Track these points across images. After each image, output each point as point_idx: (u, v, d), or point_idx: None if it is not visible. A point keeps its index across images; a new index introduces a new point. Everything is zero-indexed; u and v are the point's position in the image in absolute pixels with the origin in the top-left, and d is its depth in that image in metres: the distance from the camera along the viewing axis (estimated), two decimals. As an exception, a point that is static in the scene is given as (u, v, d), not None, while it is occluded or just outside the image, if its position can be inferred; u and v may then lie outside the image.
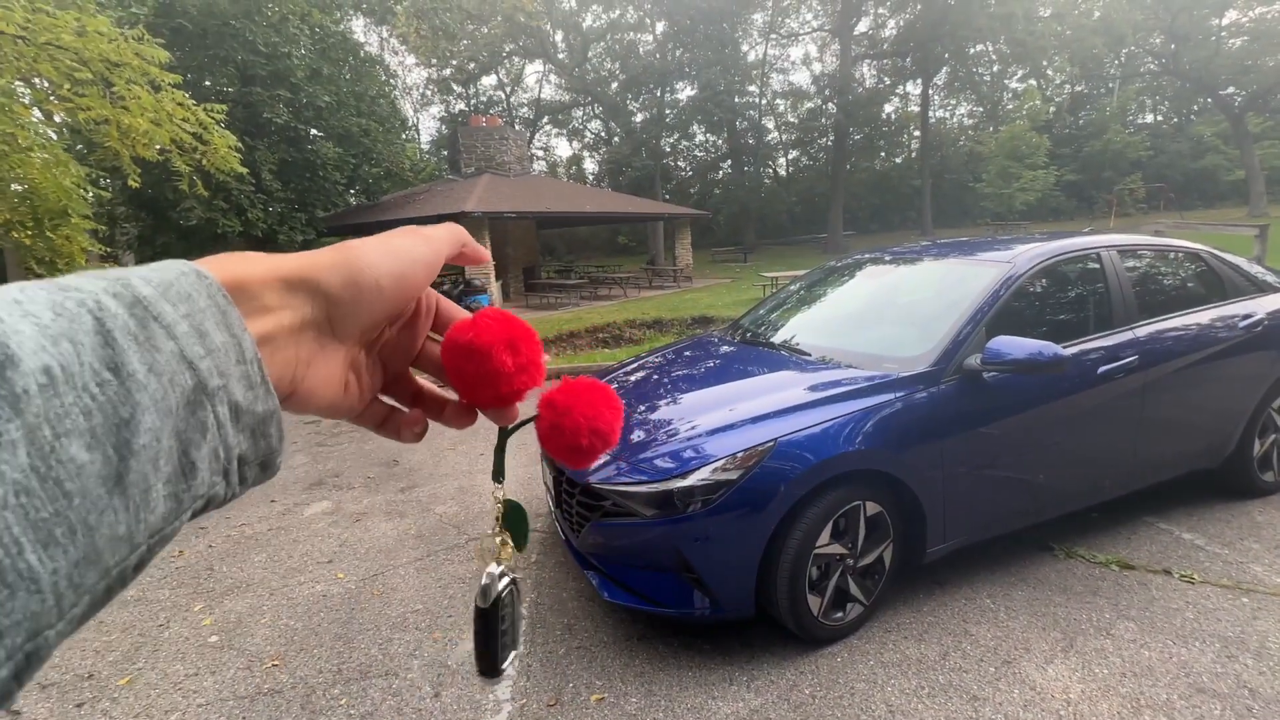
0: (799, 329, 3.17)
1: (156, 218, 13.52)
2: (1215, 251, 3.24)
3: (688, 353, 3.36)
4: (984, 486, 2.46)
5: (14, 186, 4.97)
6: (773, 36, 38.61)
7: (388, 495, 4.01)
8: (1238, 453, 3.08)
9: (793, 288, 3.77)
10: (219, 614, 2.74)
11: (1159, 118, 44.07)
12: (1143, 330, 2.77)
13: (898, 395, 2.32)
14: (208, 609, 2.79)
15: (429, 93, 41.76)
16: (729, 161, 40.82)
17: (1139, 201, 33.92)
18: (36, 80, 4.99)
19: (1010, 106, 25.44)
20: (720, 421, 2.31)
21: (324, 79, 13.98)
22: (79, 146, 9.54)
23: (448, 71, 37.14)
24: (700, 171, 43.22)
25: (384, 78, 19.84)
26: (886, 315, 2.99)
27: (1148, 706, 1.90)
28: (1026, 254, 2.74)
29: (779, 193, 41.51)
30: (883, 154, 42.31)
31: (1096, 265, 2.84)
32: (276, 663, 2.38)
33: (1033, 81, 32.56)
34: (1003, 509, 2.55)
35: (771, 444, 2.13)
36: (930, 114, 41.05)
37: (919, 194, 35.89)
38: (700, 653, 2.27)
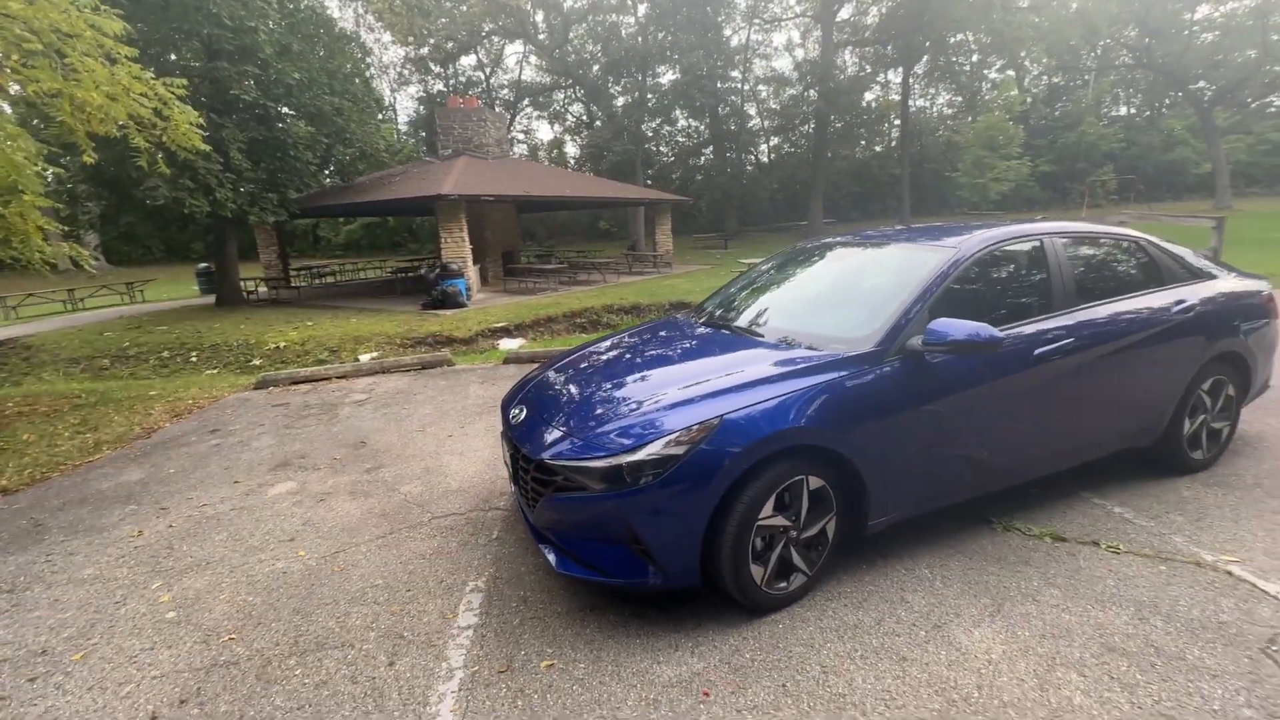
0: (760, 311, 3.24)
1: (119, 196, 13.10)
2: (1155, 240, 3.38)
3: (650, 334, 3.42)
4: (924, 462, 2.56)
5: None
6: (756, 21, 38.41)
7: (353, 476, 4.02)
8: (1169, 432, 3.24)
9: (760, 270, 3.84)
10: (177, 590, 2.76)
11: (1132, 110, 44.79)
12: (1080, 314, 2.89)
13: (842, 375, 2.41)
14: (165, 586, 2.80)
15: (406, 72, 40.84)
16: (711, 148, 40.64)
17: (1111, 193, 34.64)
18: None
19: (988, 97, 25.63)
20: (672, 399, 2.37)
21: (294, 55, 13.59)
22: (35, 121, 9.21)
23: (425, 50, 36.32)
24: (682, 157, 43.02)
25: (359, 54, 19.33)
26: (842, 297, 3.08)
27: (1061, 664, 2.03)
28: (973, 239, 2.84)
29: (761, 179, 41.53)
30: (863, 142, 42.53)
31: (1039, 251, 2.95)
32: (233, 637, 2.41)
33: (1010, 73, 32.86)
34: (943, 484, 2.67)
35: (718, 420, 2.20)
36: (910, 103, 41.30)
37: (899, 182, 36.25)
38: (649, 621, 2.35)
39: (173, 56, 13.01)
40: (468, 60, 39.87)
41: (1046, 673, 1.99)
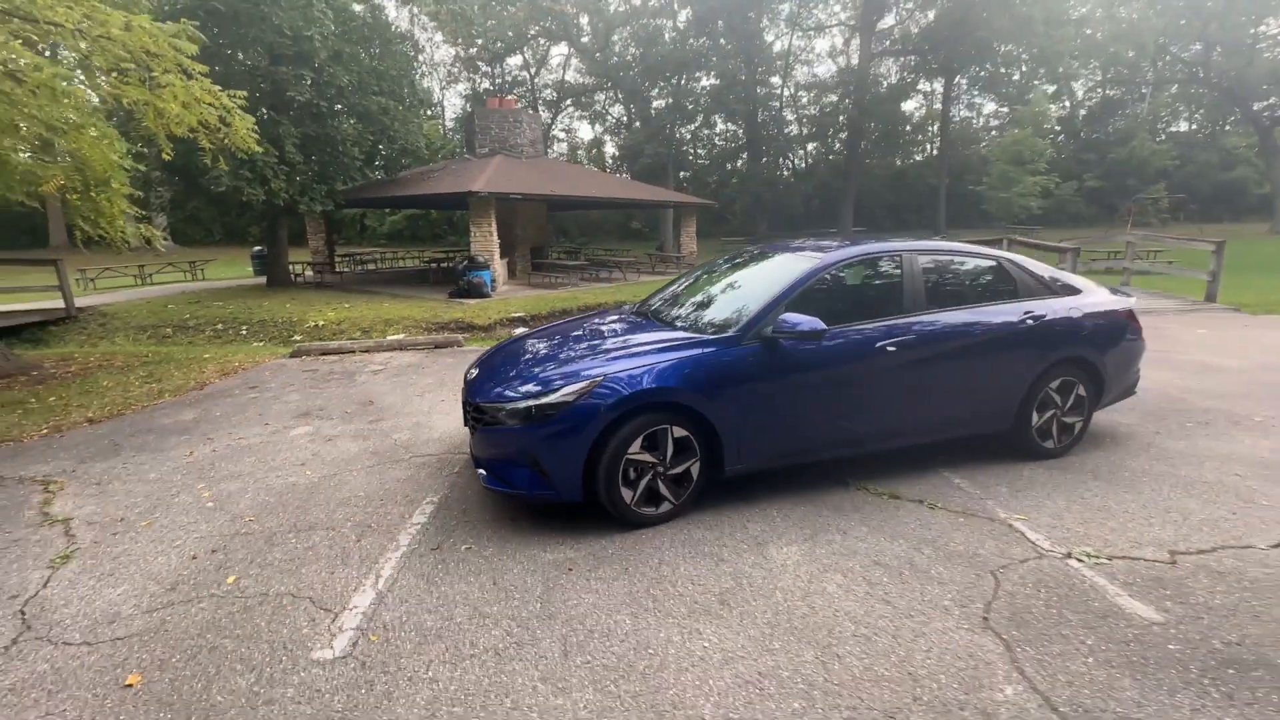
0: (677, 304, 4.00)
1: (188, 183, 14.60)
2: (1017, 260, 3.97)
3: (594, 320, 4.21)
4: (774, 424, 3.27)
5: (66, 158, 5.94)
6: (799, 27, 38.57)
7: (358, 425, 4.94)
8: (1019, 422, 3.84)
9: (696, 270, 4.58)
10: (215, 490, 3.69)
11: (1194, 126, 43.10)
12: (927, 317, 3.54)
13: (706, 352, 3.15)
14: (207, 487, 3.74)
15: (455, 70, 42.57)
16: (747, 152, 41.02)
17: (1162, 211, 33.56)
18: (91, 67, 5.93)
19: (1023, 110, 25.38)
20: (577, 364, 3.16)
21: (345, 60, 14.85)
22: (116, 122, 10.57)
23: (473, 50, 37.86)
24: (719, 160, 43.49)
25: (412, 53, 20.63)
26: (733, 293, 3.79)
27: (833, 570, 2.73)
28: (837, 253, 3.53)
29: (796, 185, 41.70)
30: (900, 152, 42.18)
31: (897, 265, 3.61)
32: (252, 519, 3.31)
33: (1049, 88, 32.15)
34: (791, 444, 3.37)
35: (600, 379, 2.98)
36: (954, 114, 40.80)
37: (935, 193, 35.97)
38: (548, 525, 3.14)
39: (241, 56, 14.43)
40: (514, 60, 41.29)
41: (820, 573, 2.70)
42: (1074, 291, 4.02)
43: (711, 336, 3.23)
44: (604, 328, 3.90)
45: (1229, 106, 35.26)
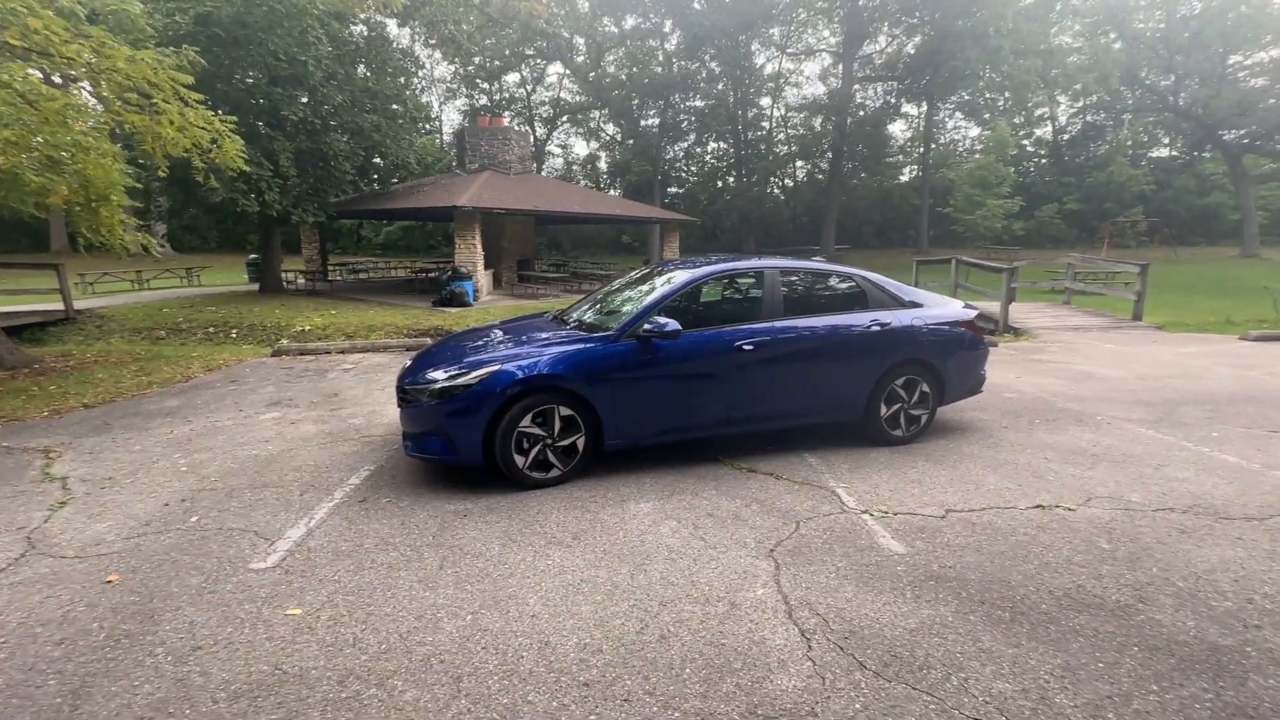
0: (585, 310, 4.75)
1: (185, 194, 15.40)
2: (870, 277, 4.73)
3: (516, 322, 4.96)
4: (646, 408, 3.99)
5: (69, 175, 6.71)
6: (788, 52, 39.85)
7: (321, 412, 5.66)
8: (869, 412, 4.57)
9: (614, 282, 5.33)
10: (189, 460, 4.40)
11: (1174, 152, 44.38)
12: (782, 322, 4.29)
13: (588, 346, 3.89)
14: (183, 457, 4.45)
15: (455, 86, 43.77)
16: (736, 171, 42.13)
17: (1140, 234, 34.61)
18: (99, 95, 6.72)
19: (997, 135, 26.44)
20: (485, 355, 3.89)
21: (340, 80, 15.75)
22: (119, 145, 11.39)
23: (471, 68, 39.02)
24: (709, 178, 44.60)
25: (413, 69, 21.53)
26: (625, 302, 4.53)
27: (672, 517, 3.44)
28: (707, 269, 4.30)
29: (784, 203, 42.80)
30: (886, 173, 43.32)
31: (758, 279, 4.37)
32: (217, 480, 4.02)
33: (1033, 112, 33.38)
34: (661, 424, 4.08)
35: (497, 367, 3.72)
36: (939, 137, 42.06)
37: (919, 213, 37.05)
38: (455, 485, 3.86)
39: (238, 76, 15.32)
40: (511, 78, 42.51)
41: (661, 520, 3.41)
42: (918, 305, 4.78)
43: (596, 334, 3.98)
44: (523, 328, 4.64)
45: (1203, 134, 36.51)
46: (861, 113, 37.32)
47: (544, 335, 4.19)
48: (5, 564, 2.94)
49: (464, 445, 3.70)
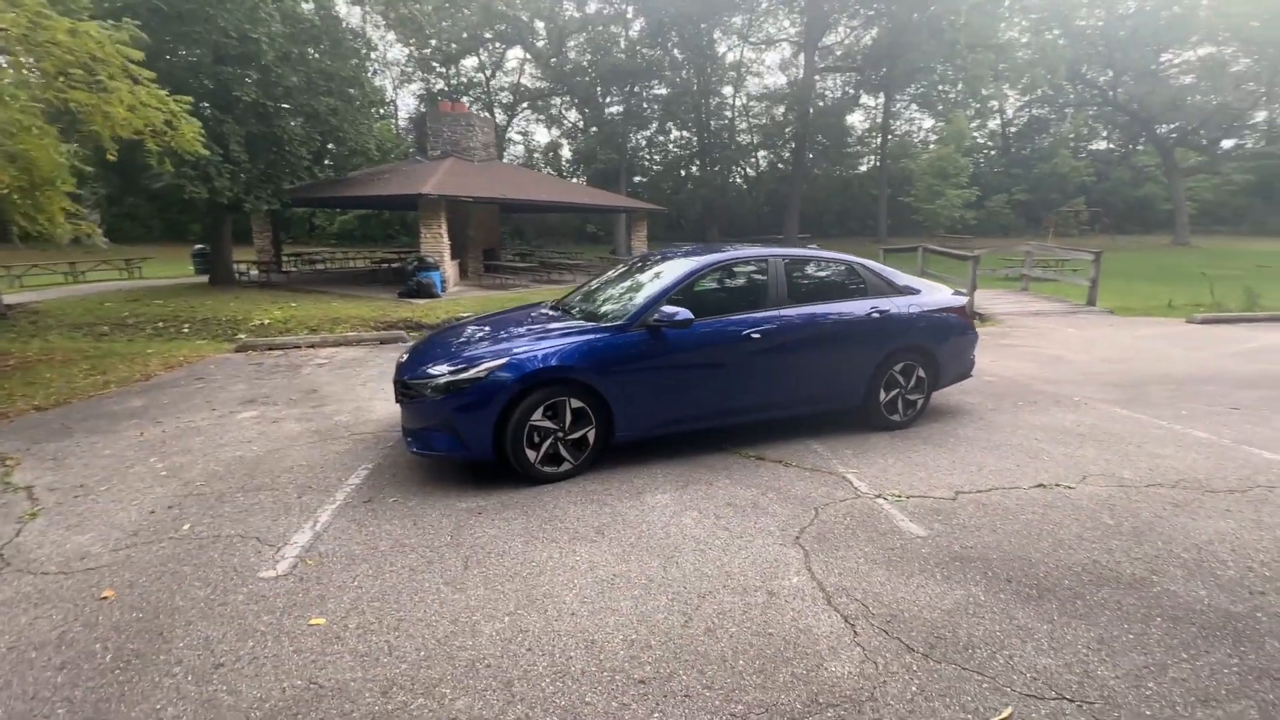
0: (584, 300, 4.64)
1: (125, 180, 14.40)
2: (868, 264, 4.79)
3: (512, 313, 4.82)
4: (656, 399, 3.94)
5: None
6: (749, 41, 40.00)
7: (302, 409, 5.39)
8: (869, 398, 4.64)
9: (607, 273, 5.24)
10: (168, 463, 4.12)
11: (1111, 145, 46.71)
12: (788, 310, 4.30)
13: (599, 336, 3.81)
14: (159, 460, 4.17)
15: (409, 70, 42.22)
16: (700, 160, 42.18)
17: (1082, 223, 36.37)
18: (38, 72, 6.17)
19: (955, 127, 27.25)
20: (488, 347, 3.76)
21: (294, 60, 14.96)
22: (62, 126, 10.54)
23: (427, 51, 37.72)
24: (672, 167, 44.52)
25: (364, 51, 20.63)
26: (628, 292, 4.45)
27: (692, 508, 3.41)
28: (711, 257, 4.26)
29: (747, 193, 43.16)
30: (846, 163, 44.17)
31: (763, 267, 4.36)
32: (203, 484, 3.78)
33: (984, 105, 34.58)
34: (671, 415, 4.04)
35: (506, 359, 3.60)
36: (895, 128, 43.05)
37: (877, 202, 37.96)
38: (465, 483, 3.73)
39: (182, 51, 14.34)
40: (469, 62, 41.29)
41: (681, 511, 3.38)
42: (915, 291, 4.86)
43: (605, 325, 3.89)
44: (522, 319, 4.51)
45: (1138, 128, 38.57)
46: (822, 103, 37.86)
47: (549, 326, 4.08)
48: (-21, 584, 2.69)
49: (473, 441, 3.57)
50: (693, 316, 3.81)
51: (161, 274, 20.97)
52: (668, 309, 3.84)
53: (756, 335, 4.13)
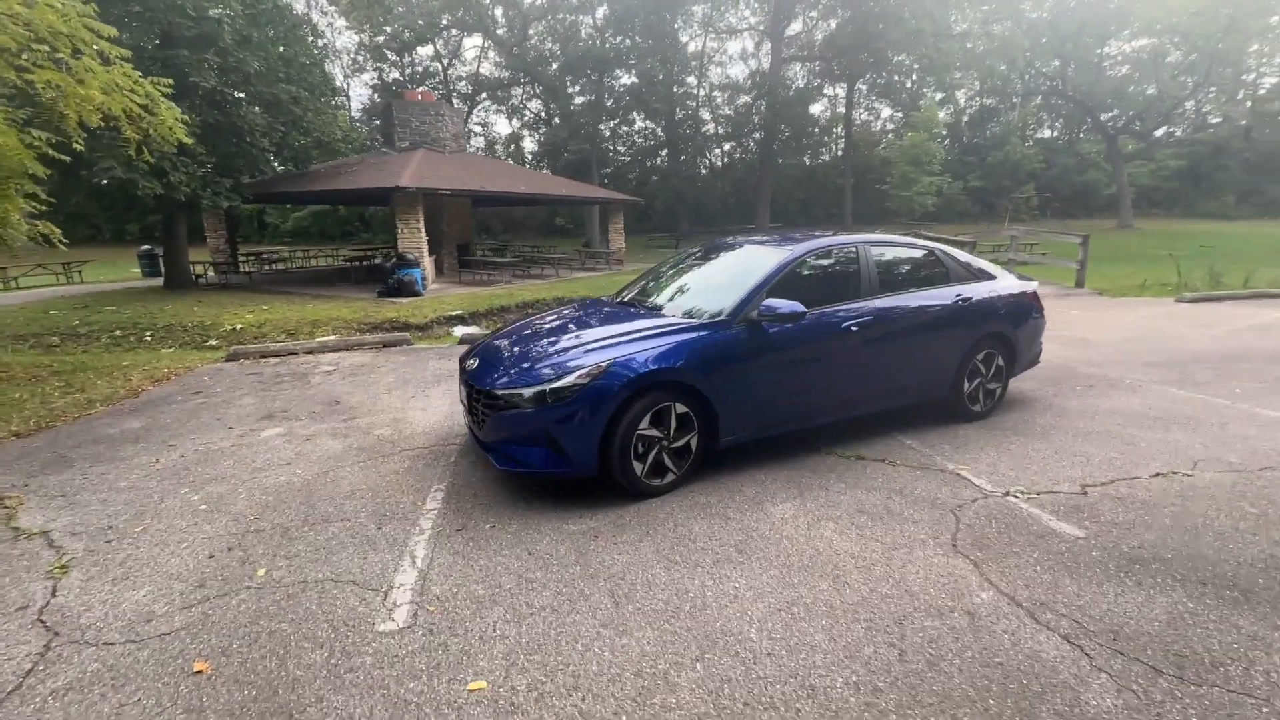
0: (658, 293, 4.30)
1: (64, 176, 13.08)
2: (944, 249, 4.61)
3: (577, 309, 4.43)
4: (761, 398, 3.65)
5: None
6: (711, 30, 39.80)
7: (332, 424, 4.86)
8: (954, 389, 4.47)
9: (667, 263, 4.90)
10: (203, 494, 3.58)
11: (1055, 133, 48.68)
12: (881, 300, 4.06)
13: (701, 335, 3.48)
14: (192, 491, 3.62)
15: (361, 59, 40.29)
16: (666, 150, 41.85)
17: (1033, 209, 37.83)
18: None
19: (915, 116, 27.77)
20: (583, 349, 3.38)
21: (253, 44, 13.88)
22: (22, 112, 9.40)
23: (381, 38, 36.05)
24: (639, 158, 44.07)
25: (311, 38, 19.39)
26: (713, 283, 4.14)
27: (825, 519, 3.14)
28: (804, 245, 3.97)
29: (714, 183, 43.07)
30: (810, 152, 44.67)
31: (854, 254, 4.11)
32: (256, 518, 3.28)
33: (939, 95, 35.43)
34: (775, 415, 3.77)
35: (610, 363, 3.23)
36: (856, 117, 43.69)
37: (842, 191, 38.52)
38: (563, 499, 3.36)
39: (126, 35, 13.07)
40: (425, 50, 39.67)
41: (815, 522, 3.10)
42: (991, 276, 4.71)
43: (704, 321, 3.56)
44: (595, 316, 4.13)
45: (1082, 116, 40.25)
46: (788, 93, 38.03)
47: (635, 325, 3.71)
48: (29, 665, 2.18)
49: (577, 454, 3.20)
50: (804, 310, 3.52)
51: (105, 278, 19.35)
52: (771, 302, 3.54)
53: (855, 327, 3.88)
